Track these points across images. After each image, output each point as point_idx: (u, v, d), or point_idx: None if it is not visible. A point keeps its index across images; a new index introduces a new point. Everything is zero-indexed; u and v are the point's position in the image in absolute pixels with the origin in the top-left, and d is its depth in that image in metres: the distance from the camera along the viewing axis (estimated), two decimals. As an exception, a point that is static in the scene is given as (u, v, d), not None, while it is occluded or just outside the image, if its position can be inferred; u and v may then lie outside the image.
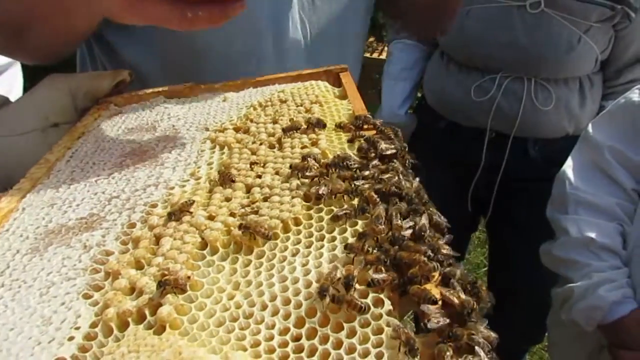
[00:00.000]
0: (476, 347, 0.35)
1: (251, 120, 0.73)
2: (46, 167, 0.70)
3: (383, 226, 0.48)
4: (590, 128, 1.44)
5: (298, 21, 0.95)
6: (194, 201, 0.55)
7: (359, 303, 0.40)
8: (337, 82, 0.86)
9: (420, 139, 1.88)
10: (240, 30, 0.88)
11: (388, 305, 0.41)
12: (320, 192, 0.52)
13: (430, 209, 0.50)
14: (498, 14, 1.60)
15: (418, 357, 0.36)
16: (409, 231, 0.46)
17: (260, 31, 0.91)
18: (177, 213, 0.54)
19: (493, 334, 0.37)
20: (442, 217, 0.50)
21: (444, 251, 0.44)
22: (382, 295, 0.42)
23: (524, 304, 1.58)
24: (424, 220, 0.47)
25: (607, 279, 1.32)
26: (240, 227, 0.50)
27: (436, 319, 0.38)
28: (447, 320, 0.38)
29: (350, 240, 0.48)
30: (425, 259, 0.43)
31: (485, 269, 2.39)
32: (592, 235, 1.35)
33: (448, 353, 0.36)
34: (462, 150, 1.80)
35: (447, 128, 1.80)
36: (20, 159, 0.77)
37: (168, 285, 0.44)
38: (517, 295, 1.61)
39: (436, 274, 0.43)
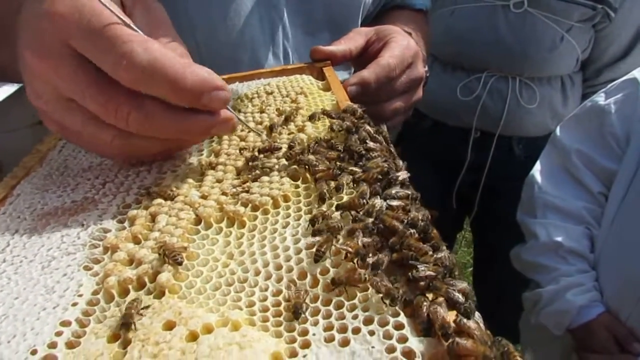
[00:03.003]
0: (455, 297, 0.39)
1: (239, 111, 0.77)
2: (38, 156, 0.72)
3: (364, 200, 0.51)
4: (558, 131, 1.48)
5: (281, 51, 0.99)
6: (174, 197, 0.57)
7: None
8: (320, 76, 0.89)
9: (405, 139, 1.90)
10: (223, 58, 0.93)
11: (373, 268, 0.45)
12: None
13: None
14: (482, 14, 1.64)
15: (399, 304, 0.40)
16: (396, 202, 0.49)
17: (241, 60, 0.96)
18: (156, 193, 0.58)
19: (468, 286, 0.41)
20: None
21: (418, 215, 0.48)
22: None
23: (509, 302, 1.60)
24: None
25: (574, 283, 1.35)
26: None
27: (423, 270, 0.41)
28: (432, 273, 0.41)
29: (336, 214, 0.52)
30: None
31: (472, 268, 2.44)
32: (560, 239, 1.38)
33: (425, 304, 0.39)
34: (448, 150, 1.84)
35: (433, 127, 1.83)
36: (9, 156, 0.78)
37: (167, 256, 0.46)
38: (503, 293, 1.63)
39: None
